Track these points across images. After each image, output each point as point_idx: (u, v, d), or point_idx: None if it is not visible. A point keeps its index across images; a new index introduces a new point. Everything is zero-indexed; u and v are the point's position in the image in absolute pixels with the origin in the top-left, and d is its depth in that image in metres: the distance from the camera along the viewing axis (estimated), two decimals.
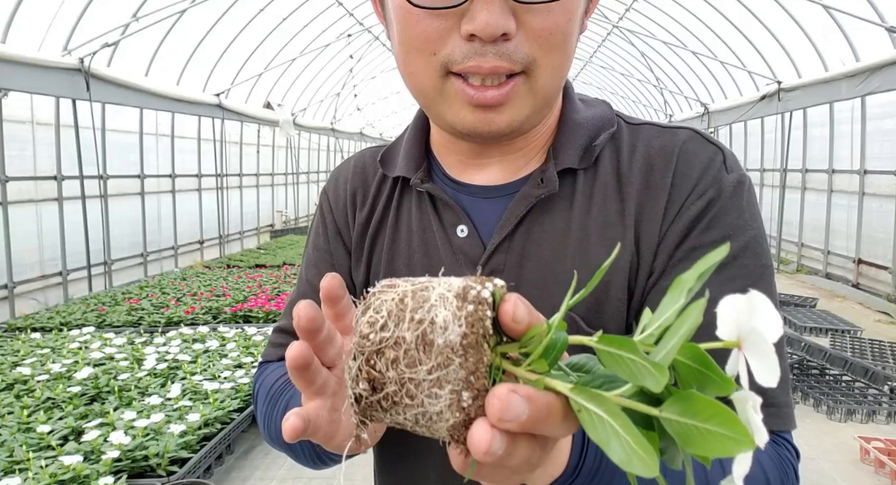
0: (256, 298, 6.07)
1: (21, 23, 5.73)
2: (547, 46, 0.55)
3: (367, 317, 0.34)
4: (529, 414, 0.30)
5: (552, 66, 0.56)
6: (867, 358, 4.58)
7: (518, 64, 0.54)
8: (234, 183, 10.94)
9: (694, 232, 0.58)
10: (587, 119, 0.65)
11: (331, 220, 0.76)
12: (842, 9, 6.18)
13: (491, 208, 0.65)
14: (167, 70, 8.28)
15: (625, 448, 0.28)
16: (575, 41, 0.58)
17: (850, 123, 7.44)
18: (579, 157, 0.63)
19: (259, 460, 3.39)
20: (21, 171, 6.12)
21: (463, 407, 0.32)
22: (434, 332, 0.32)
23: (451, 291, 0.33)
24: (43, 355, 4.18)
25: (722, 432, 0.27)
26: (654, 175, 0.61)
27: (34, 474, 2.51)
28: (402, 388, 0.33)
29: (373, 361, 0.33)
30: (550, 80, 0.57)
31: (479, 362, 0.32)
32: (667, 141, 0.63)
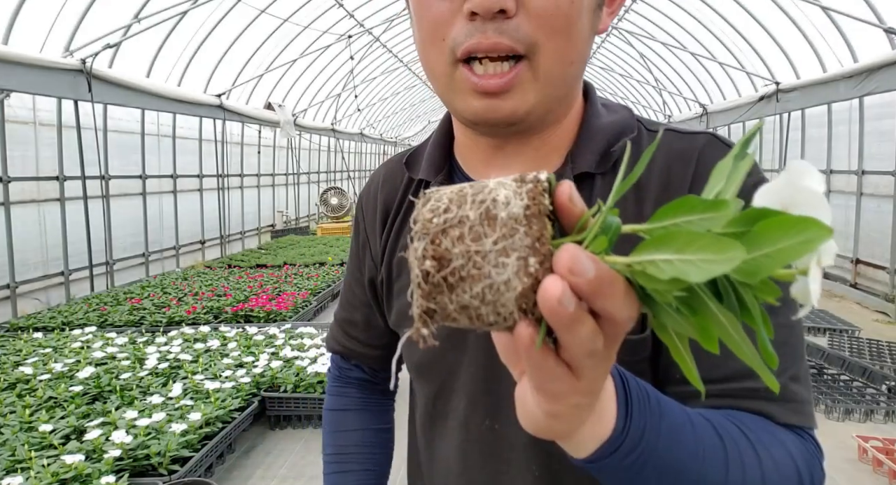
0: (257, 297, 6.10)
1: (23, 24, 5.75)
2: (548, 28, 0.55)
3: (428, 206, 0.34)
4: (596, 274, 0.30)
5: (555, 49, 0.56)
6: (865, 357, 4.60)
7: (519, 43, 0.55)
8: (235, 183, 10.96)
9: None
10: (607, 124, 0.65)
11: (362, 229, 0.81)
12: (840, 10, 6.20)
13: None
14: (168, 71, 8.31)
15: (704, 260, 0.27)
16: (583, 29, 0.57)
17: (848, 124, 7.45)
18: (597, 161, 0.63)
19: (260, 458, 3.41)
20: (23, 171, 6.14)
21: (530, 272, 0.32)
22: (497, 207, 0.33)
23: (508, 178, 0.34)
24: (45, 355, 4.21)
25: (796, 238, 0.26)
26: (673, 178, 0.62)
27: (36, 473, 2.53)
28: (469, 261, 0.32)
29: (438, 241, 0.33)
30: (554, 65, 0.57)
31: (544, 229, 0.32)
32: (685, 145, 0.63)
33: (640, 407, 0.44)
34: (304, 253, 9.40)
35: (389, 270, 0.76)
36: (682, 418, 0.48)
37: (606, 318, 0.33)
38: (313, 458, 3.41)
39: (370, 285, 0.81)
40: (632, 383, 0.45)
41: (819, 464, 0.58)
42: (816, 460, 0.57)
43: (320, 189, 14.25)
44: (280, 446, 3.55)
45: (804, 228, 0.26)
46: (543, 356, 0.34)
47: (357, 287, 0.84)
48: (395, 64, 15.35)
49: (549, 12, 0.54)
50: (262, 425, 3.78)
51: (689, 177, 0.61)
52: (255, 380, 3.76)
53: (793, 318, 0.53)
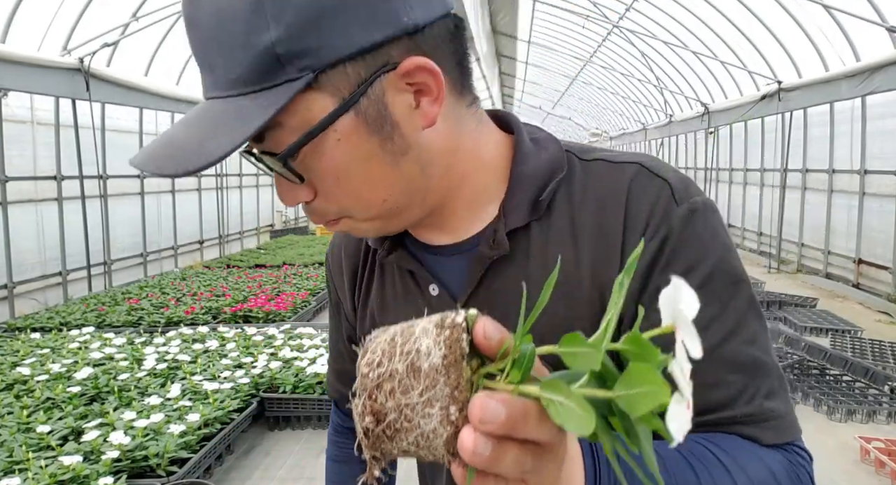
0: (256, 298, 6.07)
1: (21, 23, 5.73)
2: (339, 201, 0.57)
3: (365, 359, 0.39)
4: (507, 414, 0.34)
5: (359, 209, 0.58)
6: (867, 358, 4.58)
7: (330, 215, 0.59)
8: (234, 183, 10.94)
9: (655, 273, 0.59)
10: (535, 169, 0.64)
11: (333, 289, 0.84)
12: (842, 8, 6.18)
13: (454, 266, 0.68)
14: (167, 70, 8.28)
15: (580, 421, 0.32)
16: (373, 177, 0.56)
17: (851, 123, 7.43)
18: (528, 212, 0.63)
19: (259, 459, 3.39)
20: (21, 171, 6.12)
21: (451, 420, 0.36)
22: (420, 359, 0.37)
23: (431, 323, 0.38)
24: (43, 355, 4.18)
25: (646, 390, 0.31)
26: (607, 218, 0.61)
27: (34, 475, 2.51)
28: (401, 414, 0.37)
29: (374, 396, 0.38)
30: (370, 213, 0.59)
31: (460, 377, 0.36)
32: (616, 179, 0.62)
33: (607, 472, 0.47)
34: (304, 253, 9.37)
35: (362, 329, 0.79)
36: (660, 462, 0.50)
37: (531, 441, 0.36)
38: (312, 459, 3.38)
39: (349, 341, 0.85)
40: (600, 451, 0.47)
41: (808, 473, 0.59)
42: (804, 471, 0.58)
43: None
44: (279, 447, 3.53)
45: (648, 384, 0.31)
46: (482, 481, 0.37)
47: (340, 340, 0.88)
48: None
49: (332, 193, 0.56)
50: (261, 426, 3.75)
51: (621, 217, 0.60)
52: (254, 381, 3.74)
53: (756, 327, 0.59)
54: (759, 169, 10.25)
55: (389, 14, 0.50)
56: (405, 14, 0.51)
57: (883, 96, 6.59)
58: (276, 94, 0.49)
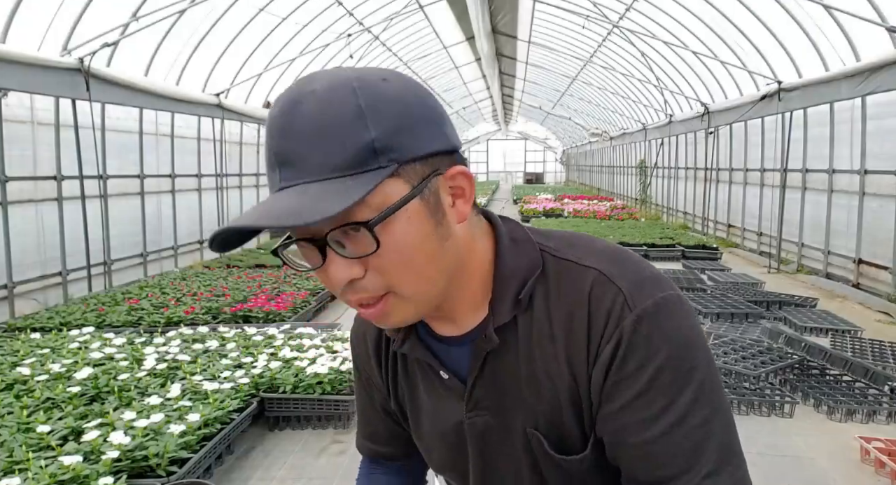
0: (256, 298, 6.07)
1: (21, 22, 5.73)
2: (392, 275, 0.65)
3: None
4: None
5: (407, 283, 0.66)
6: (867, 358, 4.58)
7: (377, 291, 0.66)
8: (234, 183, 10.94)
9: (612, 370, 0.69)
10: (514, 269, 0.75)
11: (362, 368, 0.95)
12: (842, 8, 6.18)
13: (459, 353, 0.79)
14: (167, 70, 8.28)
15: None
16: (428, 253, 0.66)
17: (851, 123, 7.43)
18: (511, 309, 0.74)
19: (259, 460, 3.39)
20: (21, 171, 6.12)
21: None
22: None
23: None
24: (43, 355, 4.18)
25: None
26: (574, 323, 0.71)
27: (34, 475, 2.51)
28: None
29: None
30: (414, 289, 0.67)
31: None
32: (580, 285, 0.72)
33: None
34: None
35: (399, 404, 0.91)
36: None
37: None
38: (312, 459, 3.38)
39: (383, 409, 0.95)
40: None
41: None
42: None
43: None
44: (279, 448, 3.53)
45: None
46: None
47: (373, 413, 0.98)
48: (394, 62, 15.32)
49: (386, 269, 0.64)
50: (261, 427, 3.75)
51: (585, 324, 0.71)
52: (254, 381, 3.74)
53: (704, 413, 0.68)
54: (759, 169, 10.25)
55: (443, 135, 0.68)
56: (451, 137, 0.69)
57: (883, 96, 6.59)
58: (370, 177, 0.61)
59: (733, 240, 11.59)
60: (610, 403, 0.69)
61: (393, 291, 0.66)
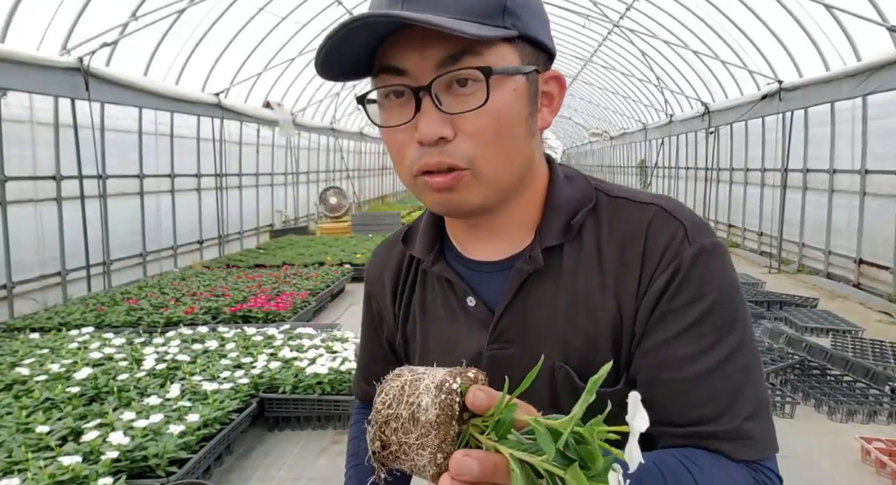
0: (256, 298, 6.06)
1: (20, 22, 5.72)
2: (481, 144, 0.65)
3: (380, 397, 0.51)
4: (480, 470, 0.45)
5: (491, 159, 0.66)
6: (868, 358, 4.57)
7: (459, 160, 0.65)
8: (233, 183, 10.93)
9: (663, 300, 0.68)
10: (567, 199, 0.75)
11: (374, 300, 0.93)
12: (843, 8, 6.17)
13: (492, 281, 0.77)
14: (166, 69, 8.27)
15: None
16: (517, 137, 0.67)
17: (852, 123, 7.42)
18: (560, 234, 0.73)
19: (258, 460, 3.38)
20: (20, 171, 6.11)
21: (437, 463, 0.47)
22: (419, 412, 0.48)
23: (433, 383, 0.49)
24: (42, 356, 4.17)
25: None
26: (628, 253, 0.71)
27: (33, 475, 2.51)
28: (401, 447, 0.49)
29: (383, 428, 0.50)
30: (493, 170, 0.67)
31: (447, 434, 0.47)
32: (638, 218, 0.72)
33: None
34: (303, 253, 9.37)
35: (404, 338, 0.88)
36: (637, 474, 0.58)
37: None
38: (312, 459, 3.38)
39: (389, 346, 0.93)
40: None
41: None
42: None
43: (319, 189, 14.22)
44: (279, 448, 3.52)
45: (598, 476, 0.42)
46: None
47: (377, 347, 0.96)
48: None
49: (480, 134, 0.64)
50: (261, 427, 3.75)
51: (639, 256, 0.70)
52: (254, 381, 3.73)
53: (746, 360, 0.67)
54: (760, 169, 10.24)
55: (549, 35, 0.71)
56: (552, 42, 0.71)
57: (884, 96, 6.58)
58: (495, 30, 0.62)
59: (734, 240, 11.58)
60: (654, 336, 0.68)
61: (473, 167, 0.65)
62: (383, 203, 21.05)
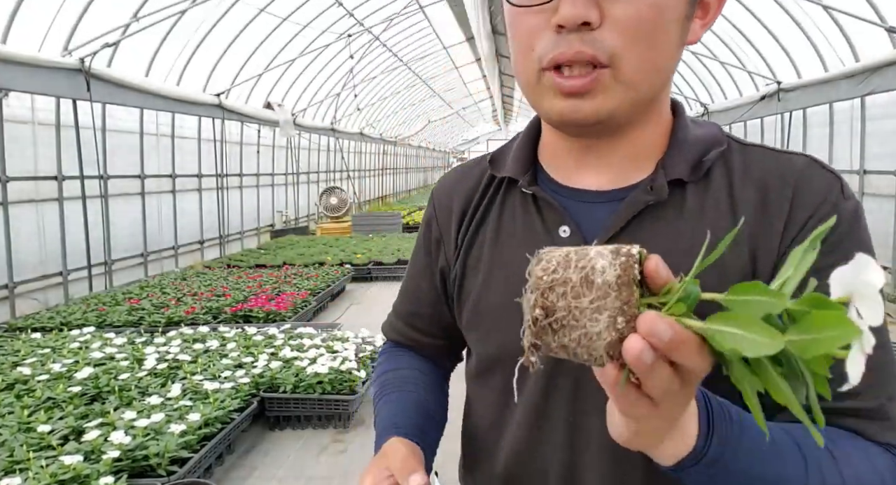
0: (257, 298, 6.08)
1: (22, 23, 5.73)
2: (631, 37, 0.57)
3: (540, 265, 0.44)
4: (672, 336, 0.38)
5: (638, 57, 0.58)
6: None
7: (601, 52, 0.57)
8: (234, 183, 10.94)
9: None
10: (697, 137, 0.68)
11: (434, 226, 0.83)
12: (842, 9, 6.19)
13: (595, 211, 0.68)
14: (168, 70, 8.29)
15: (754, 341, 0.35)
16: (669, 39, 0.60)
17: (850, 123, 7.43)
18: (689, 169, 0.65)
19: (259, 459, 3.39)
20: (22, 171, 6.12)
21: (618, 328, 0.41)
22: (595, 274, 0.42)
23: (606, 249, 0.43)
24: (43, 355, 4.19)
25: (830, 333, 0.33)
26: (772, 197, 0.63)
27: (34, 474, 2.52)
28: (570, 313, 0.42)
29: (546, 295, 0.43)
30: (637, 72, 0.59)
31: (631, 296, 0.41)
32: (783, 165, 0.65)
33: (721, 428, 0.51)
34: (304, 253, 9.38)
35: (464, 267, 0.77)
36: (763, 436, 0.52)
37: (682, 367, 0.41)
38: (312, 459, 3.39)
39: (441, 279, 0.83)
40: (715, 405, 0.52)
41: None
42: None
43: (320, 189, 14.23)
44: (279, 447, 3.54)
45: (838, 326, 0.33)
46: (627, 389, 0.43)
47: (427, 283, 0.85)
48: (394, 63, 15.33)
49: (632, 23, 0.57)
50: (262, 426, 3.76)
51: (788, 200, 0.63)
52: (255, 380, 3.74)
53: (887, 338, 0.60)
54: None
55: None
56: None
57: (882, 96, 6.59)
58: None
59: None
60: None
61: (615, 65, 0.58)
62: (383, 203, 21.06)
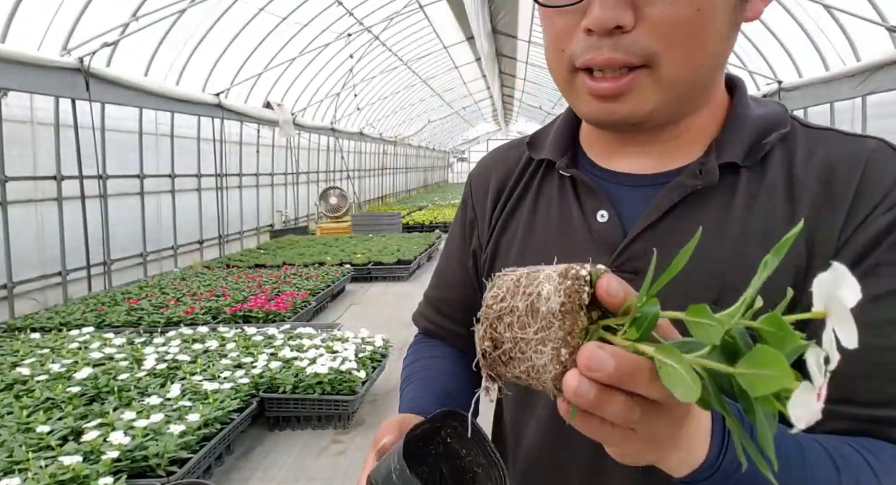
0: (256, 298, 6.07)
1: (20, 22, 5.72)
2: (669, 39, 0.53)
3: (491, 292, 0.43)
4: (615, 366, 0.35)
5: (678, 57, 0.54)
6: None
7: (635, 56, 0.54)
8: (233, 183, 10.93)
9: (881, 247, 0.54)
10: (757, 116, 0.63)
11: (470, 207, 0.82)
12: (843, 8, 6.18)
13: (636, 196, 0.64)
14: (167, 70, 8.28)
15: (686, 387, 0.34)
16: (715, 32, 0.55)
17: (851, 123, 7.43)
18: (745, 153, 0.61)
19: (259, 460, 3.38)
20: (21, 171, 6.11)
21: (561, 360, 0.39)
22: (539, 301, 0.40)
23: (555, 272, 0.41)
24: (42, 355, 4.18)
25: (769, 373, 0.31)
26: (836, 182, 0.58)
27: (34, 475, 2.51)
28: (516, 345, 0.41)
29: (495, 325, 0.42)
30: (678, 72, 0.55)
31: (575, 325, 0.38)
32: (852, 149, 0.59)
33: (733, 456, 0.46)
34: (304, 253, 9.37)
35: (496, 250, 0.76)
36: (791, 450, 0.49)
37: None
38: (312, 459, 3.38)
39: (473, 261, 0.81)
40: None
41: None
42: None
43: (319, 189, 14.23)
44: (279, 448, 3.53)
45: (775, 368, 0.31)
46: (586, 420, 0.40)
47: (458, 266, 0.84)
48: (394, 63, 15.32)
49: (671, 23, 0.53)
50: (261, 427, 3.75)
51: (855, 180, 0.57)
52: (254, 381, 3.73)
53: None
54: None
55: None
56: None
57: (883, 96, 6.59)
58: None
59: None
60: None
61: (652, 65, 0.54)
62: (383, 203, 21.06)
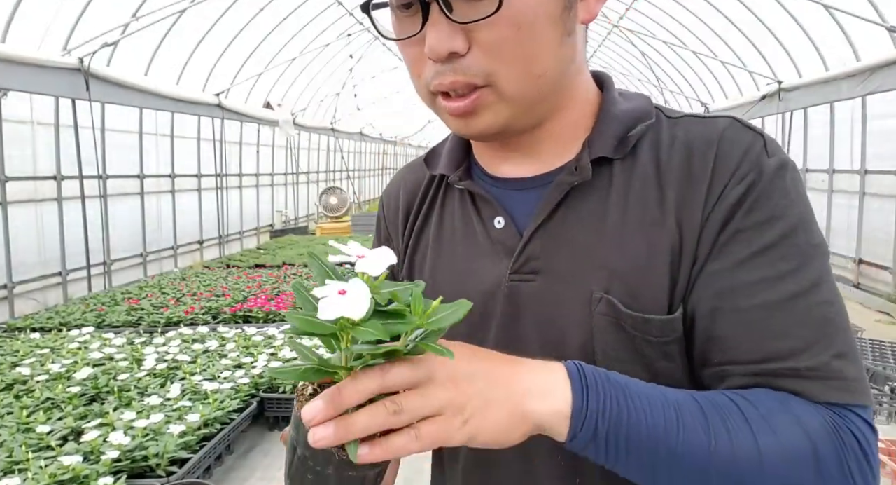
0: (256, 298, 6.07)
1: (21, 22, 5.72)
2: (501, 58, 0.56)
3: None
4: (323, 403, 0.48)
5: (514, 74, 0.58)
6: (867, 358, 4.57)
7: (475, 77, 0.57)
8: (233, 183, 10.94)
9: (737, 215, 0.58)
10: (624, 111, 0.66)
11: (383, 226, 0.84)
12: (842, 8, 6.18)
13: (526, 199, 0.68)
14: (167, 70, 8.28)
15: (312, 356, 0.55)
16: (545, 42, 0.58)
17: (851, 123, 7.43)
18: (614, 146, 0.64)
19: (258, 460, 3.38)
20: (21, 171, 6.12)
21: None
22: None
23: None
24: (42, 356, 4.18)
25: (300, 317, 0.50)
26: (695, 162, 0.62)
27: (34, 475, 2.51)
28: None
29: None
30: (518, 86, 0.58)
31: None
32: (706, 129, 0.63)
33: (597, 385, 0.52)
34: (303, 253, 9.37)
35: (410, 269, 0.79)
36: (651, 392, 0.53)
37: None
38: None
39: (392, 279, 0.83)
40: (587, 369, 0.54)
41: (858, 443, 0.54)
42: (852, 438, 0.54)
43: (319, 189, 14.23)
44: (279, 448, 3.52)
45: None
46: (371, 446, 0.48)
47: None
48: (394, 63, 15.32)
49: (497, 44, 0.56)
50: (261, 426, 3.75)
51: (711, 158, 0.61)
52: (254, 381, 3.73)
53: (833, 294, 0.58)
54: None
55: None
56: None
57: (883, 96, 6.58)
58: None
59: None
60: (722, 257, 0.58)
61: (493, 83, 0.58)
62: None
